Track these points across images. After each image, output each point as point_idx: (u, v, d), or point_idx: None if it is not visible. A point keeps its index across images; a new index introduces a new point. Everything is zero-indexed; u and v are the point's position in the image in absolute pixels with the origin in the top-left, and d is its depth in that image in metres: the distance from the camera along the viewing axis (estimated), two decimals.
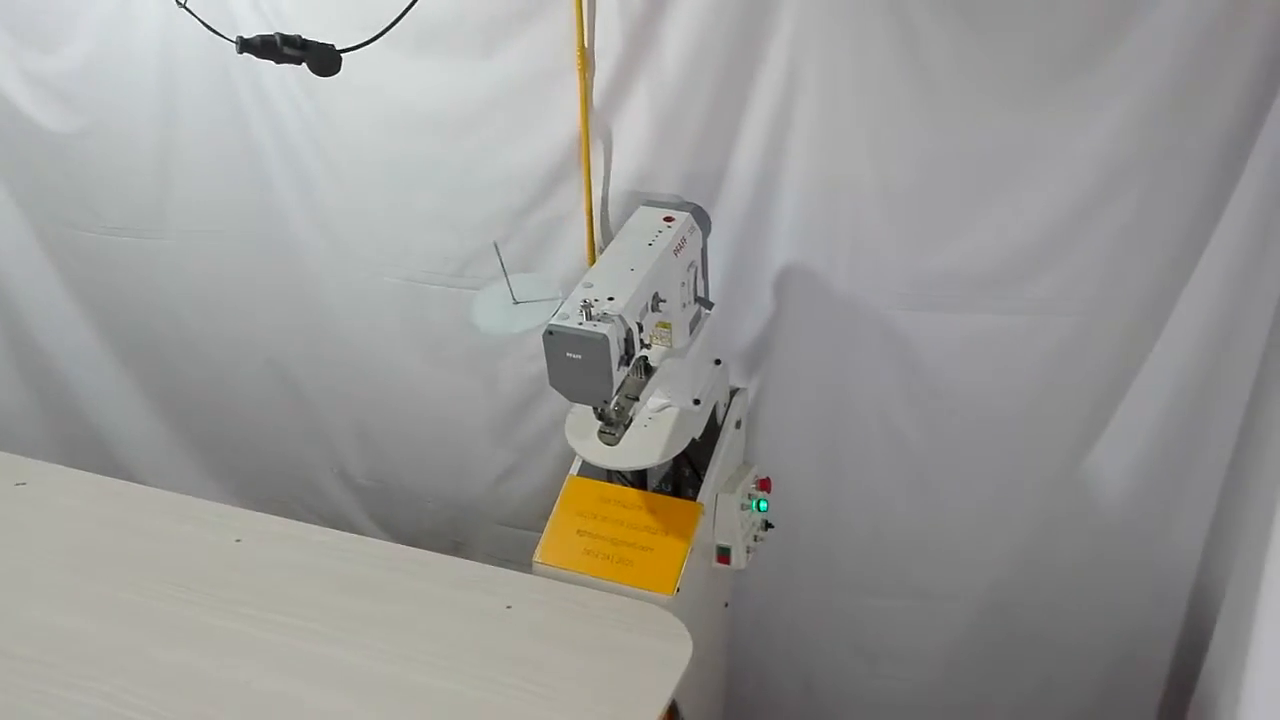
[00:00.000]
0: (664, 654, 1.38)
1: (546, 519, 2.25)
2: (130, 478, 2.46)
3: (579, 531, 1.61)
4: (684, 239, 1.52)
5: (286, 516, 1.74)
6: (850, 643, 2.16)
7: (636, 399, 1.44)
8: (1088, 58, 1.48)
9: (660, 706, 1.30)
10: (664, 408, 1.64)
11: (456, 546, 2.40)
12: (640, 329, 1.38)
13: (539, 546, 1.60)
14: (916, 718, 2.21)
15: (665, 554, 1.55)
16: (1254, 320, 1.64)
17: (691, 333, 1.57)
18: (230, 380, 2.42)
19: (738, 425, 1.74)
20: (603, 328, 1.28)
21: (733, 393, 1.76)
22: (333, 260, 2.10)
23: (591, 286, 1.36)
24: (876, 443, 1.91)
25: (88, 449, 2.59)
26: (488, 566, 1.63)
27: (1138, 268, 1.63)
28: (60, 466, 1.94)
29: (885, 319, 1.77)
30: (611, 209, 1.83)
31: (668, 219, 1.53)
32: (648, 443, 1.58)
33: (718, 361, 1.69)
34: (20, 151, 2.26)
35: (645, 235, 1.50)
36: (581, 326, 1.29)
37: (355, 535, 1.75)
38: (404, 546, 1.69)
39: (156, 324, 2.39)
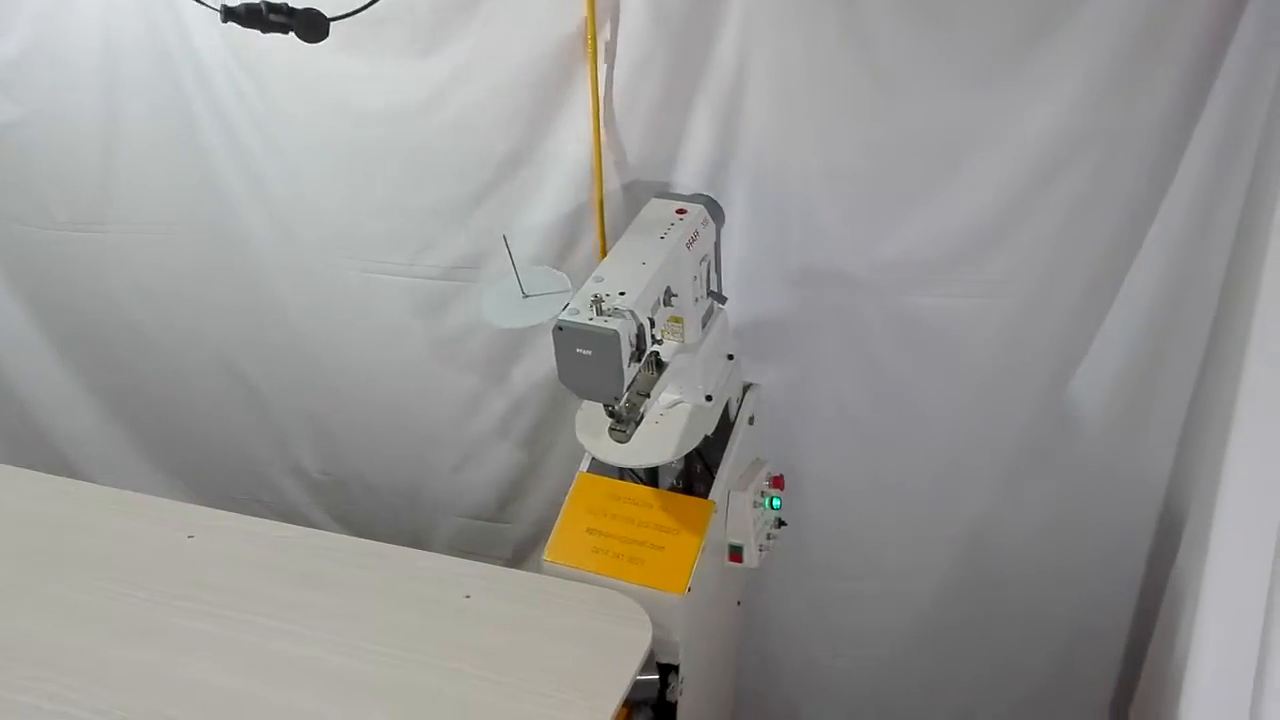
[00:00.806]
0: (625, 639, 1.39)
1: (505, 509, 2.26)
2: (79, 476, 2.43)
3: (588, 530, 1.58)
4: (697, 231, 1.49)
5: (241, 513, 1.72)
6: (818, 626, 2.18)
7: (647, 396, 1.40)
8: (1031, 42, 1.50)
9: (621, 691, 1.30)
10: (675, 404, 1.61)
11: (416, 540, 2.38)
12: (652, 324, 1.35)
13: (547, 544, 1.57)
14: (882, 697, 2.23)
15: (677, 552, 1.52)
16: (1199, 299, 1.67)
17: (704, 327, 1.55)
18: (181, 375, 2.38)
19: (750, 421, 1.71)
20: (614, 323, 1.25)
21: (745, 388, 1.74)
22: (284, 250, 2.07)
23: (602, 280, 1.33)
24: (834, 426, 1.93)
25: (34, 448, 2.54)
26: (445, 557, 1.62)
27: (1084, 248, 1.66)
28: (6, 466, 1.91)
29: (839, 305, 1.79)
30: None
31: (680, 211, 1.49)
32: (660, 439, 1.55)
33: (730, 356, 1.67)
34: None
35: (657, 228, 1.47)
36: (592, 322, 1.26)
37: (310, 529, 1.74)
38: (360, 539, 1.68)
39: (103, 319, 2.35)
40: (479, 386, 2.09)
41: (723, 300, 1.61)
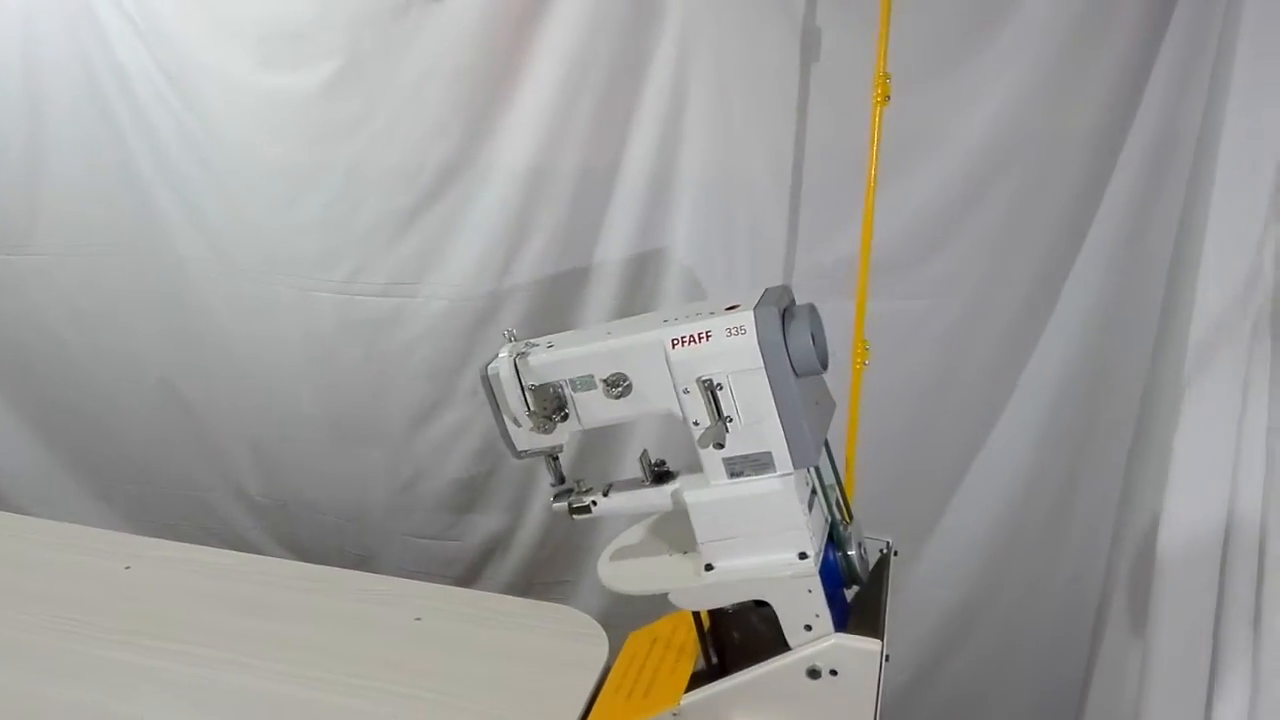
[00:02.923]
0: (581, 655, 1.37)
1: (453, 528, 2.22)
2: (12, 508, 2.35)
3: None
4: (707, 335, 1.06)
5: (183, 541, 1.68)
6: None
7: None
8: (968, 48, 1.52)
9: (579, 708, 1.28)
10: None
11: (363, 561, 2.34)
12: (571, 392, 1.14)
13: None
14: None
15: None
16: (1144, 296, 1.68)
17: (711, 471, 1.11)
18: (116, 400, 2.33)
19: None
20: (498, 365, 1.16)
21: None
22: (218, 271, 2.03)
23: (553, 347, 1.16)
24: None
25: None
26: (394, 579, 1.59)
27: (1026, 248, 1.67)
28: None
29: None
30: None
31: (730, 307, 1.07)
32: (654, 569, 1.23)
33: (802, 555, 1.12)
34: None
35: (685, 312, 1.12)
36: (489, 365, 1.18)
37: (252, 555, 1.69)
38: (304, 564, 1.64)
39: (34, 344, 2.29)
40: (426, 401, 2.06)
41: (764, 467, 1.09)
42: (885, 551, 1.33)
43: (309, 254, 1.95)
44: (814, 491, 1.14)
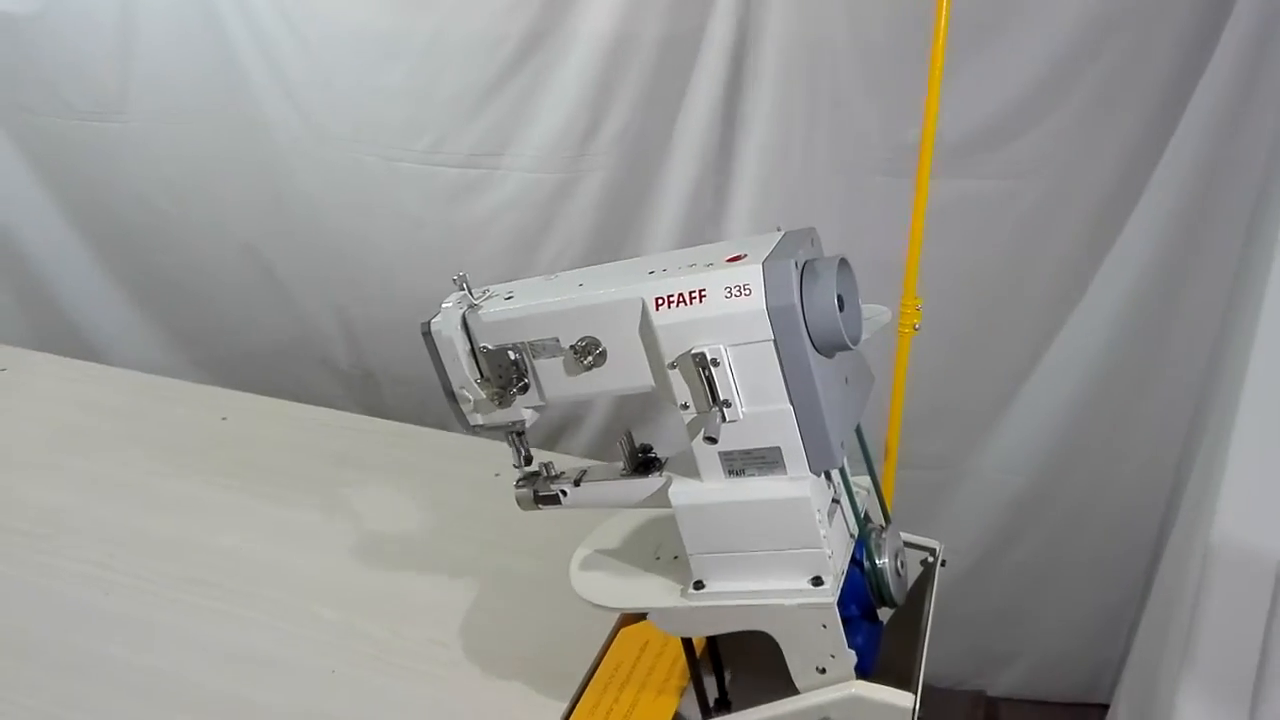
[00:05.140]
0: None
1: None
2: None
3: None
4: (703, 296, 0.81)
5: None
6: None
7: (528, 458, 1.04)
8: None
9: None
10: None
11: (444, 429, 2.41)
12: (531, 358, 0.93)
13: None
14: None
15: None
16: (1236, 187, 1.61)
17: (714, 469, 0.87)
18: (208, 268, 2.39)
19: None
20: (442, 321, 0.97)
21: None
22: (305, 138, 2.05)
23: (511, 296, 0.96)
24: None
25: (66, 342, 2.56)
26: (474, 439, 1.64)
27: (1116, 132, 1.62)
28: (41, 353, 1.94)
29: (864, 186, 1.76)
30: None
31: (733, 258, 0.82)
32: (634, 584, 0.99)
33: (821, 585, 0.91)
34: None
35: (677, 261, 0.87)
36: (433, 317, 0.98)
37: (341, 412, 1.76)
38: (391, 421, 1.70)
39: (128, 212, 2.35)
40: (503, 274, 2.08)
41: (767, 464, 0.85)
42: (931, 561, 1.08)
43: (393, 123, 1.96)
44: (835, 499, 0.90)
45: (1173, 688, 1.34)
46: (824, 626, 0.85)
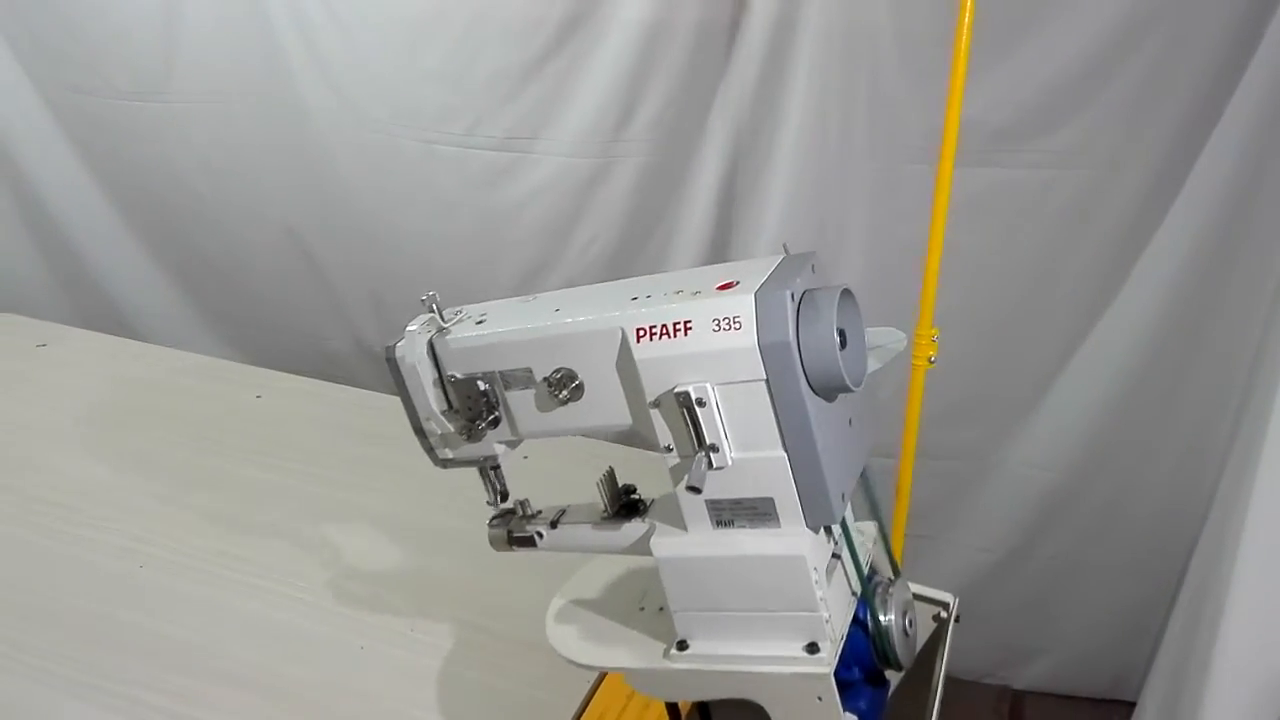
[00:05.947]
0: None
1: None
2: None
3: None
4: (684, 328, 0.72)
5: None
6: None
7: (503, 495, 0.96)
8: None
9: None
10: None
11: None
12: (502, 389, 0.85)
13: None
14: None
15: None
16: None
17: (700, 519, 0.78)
18: (244, 250, 2.42)
19: None
20: (407, 346, 0.88)
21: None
22: (343, 122, 2.07)
23: (485, 318, 0.88)
24: None
25: (105, 320, 2.61)
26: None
27: (1160, 120, 1.60)
28: (81, 330, 1.97)
29: (899, 174, 1.75)
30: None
31: (724, 285, 0.72)
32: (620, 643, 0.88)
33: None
34: (24, 15, 2.23)
35: (664, 286, 0.77)
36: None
37: (373, 392, 1.78)
38: None
39: (168, 193, 2.38)
40: (536, 259, 2.10)
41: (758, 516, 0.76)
42: (944, 617, 0.98)
43: (431, 106, 1.97)
44: (835, 554, 0.80)
45: (1200, 688, 1.33)
46: (819, 699, 0.76)
